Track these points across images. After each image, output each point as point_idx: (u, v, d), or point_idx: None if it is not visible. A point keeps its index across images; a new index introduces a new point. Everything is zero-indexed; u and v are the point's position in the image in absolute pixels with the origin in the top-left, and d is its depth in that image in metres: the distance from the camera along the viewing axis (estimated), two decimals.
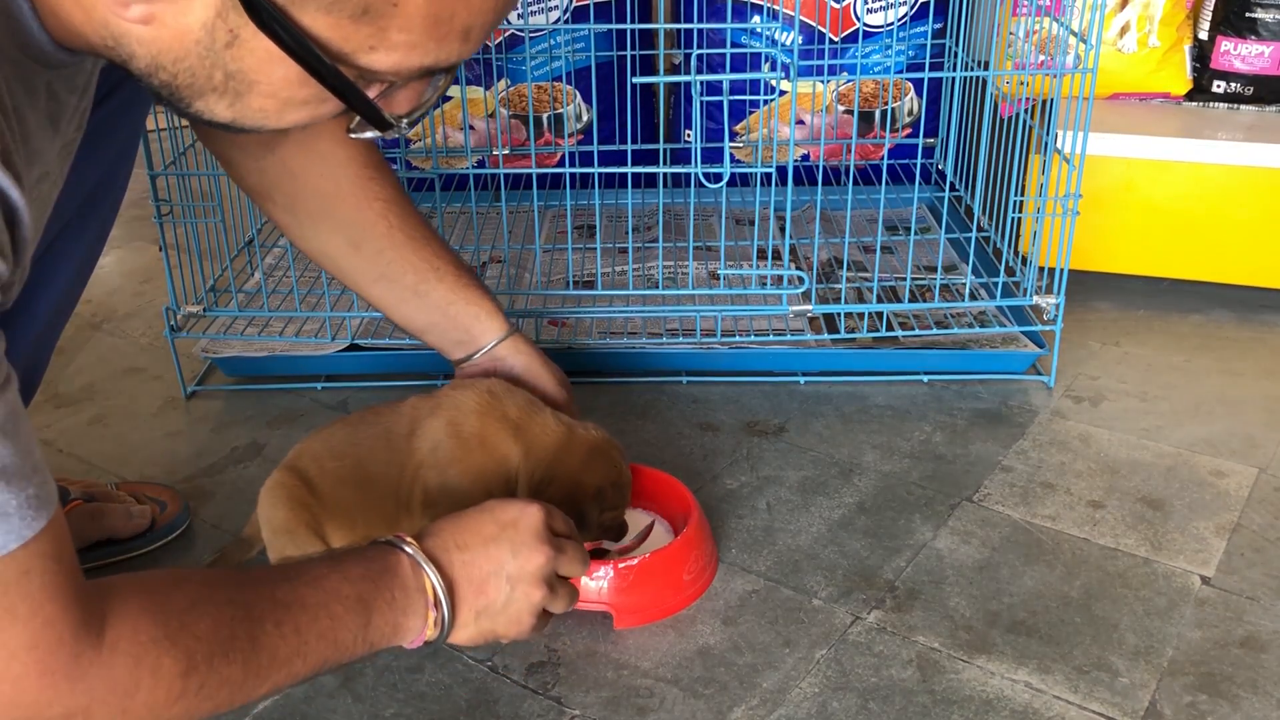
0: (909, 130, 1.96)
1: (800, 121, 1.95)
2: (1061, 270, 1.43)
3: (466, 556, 0.84)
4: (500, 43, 1.86)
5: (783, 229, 1.80)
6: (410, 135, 1.87)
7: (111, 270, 1.89)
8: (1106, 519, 1.22)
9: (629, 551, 1.10)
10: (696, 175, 1.37)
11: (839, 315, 1.48)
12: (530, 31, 1.85)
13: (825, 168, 1.91)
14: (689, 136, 1.97)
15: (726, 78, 1.44)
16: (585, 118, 1.95)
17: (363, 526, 1.02)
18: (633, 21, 1.72)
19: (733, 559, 1.15)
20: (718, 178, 1.36)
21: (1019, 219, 1.50)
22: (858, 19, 1.86)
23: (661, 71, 1.89)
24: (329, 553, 0.83)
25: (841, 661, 1.02)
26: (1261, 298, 1.73)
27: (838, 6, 1.85)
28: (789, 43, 1.84)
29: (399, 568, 0.81)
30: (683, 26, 1.88)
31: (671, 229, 1.84)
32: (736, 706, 0.97)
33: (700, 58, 1.69)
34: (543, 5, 1.85)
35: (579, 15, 1.87)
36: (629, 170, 1.43)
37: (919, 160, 1.91)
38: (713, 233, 1.83)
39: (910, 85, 1.92)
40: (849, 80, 1.89)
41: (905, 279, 1.49)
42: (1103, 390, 1.48)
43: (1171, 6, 1.81)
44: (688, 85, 1.92)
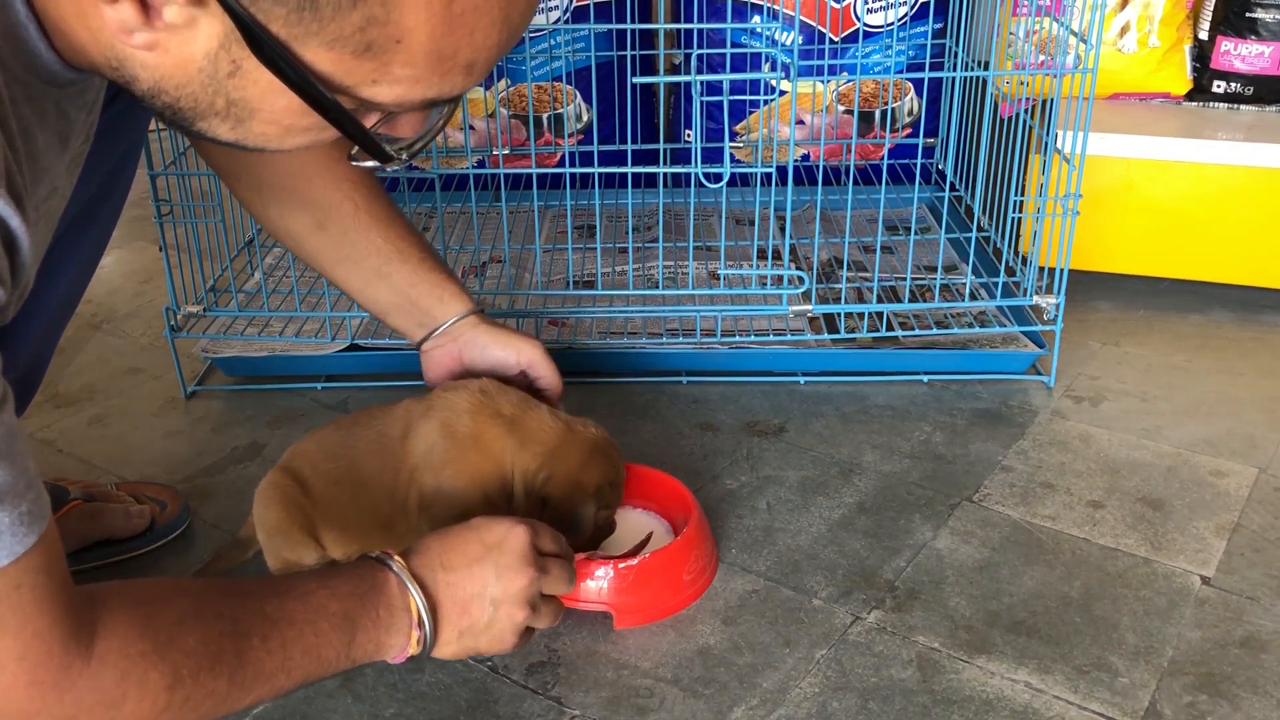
0: (909, 130, 1.96)
1: (800, 121, 1.95)
2: (1061, 270, 1.43)
3: (452, 577, 0.86)
4: None
5: (783, 229, 1.80)
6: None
7: (111, 270, 1.89)
8: (1106, 519, 1.22)
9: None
10: (696, 175, 1.37)
11: (839, 315, 1.48)
12: (530, 31, 1.84)
13: (825, 168, 1.91)
14: (689, 136, 1.97)
15: (726, 78, 1.44)
16: (585, 118, 1.95)
17: (356, 528, 1.02)
18: (633, 21, 1.72)
19: (733, 559, 1.15)
20: (718, 178, 1.36)
21: (1019, 219, 1.50)
22: (858, 19, 1.86)
23: (661, 71, 1.89)
24: (319, 567, 0.83)
25: (841, 661, 1.02)
26: (1261, 298, 1.73)
27: (838, 6, 1.85)
28: (789, 43, 1.84)
29: (386, 586, 0.83)
30: (683, 26, 1.88)
31: (671, 229, 1.84)
32: (736, 706, 0.97)
33: (700, 58, 1.69)
34: (543, 5, 1.85)
35: (579, 15, 1.87)
36: (629, 170, 1.43)
37: (919, 160, 1.91)
38: (713, 233, 1.83)
39: (910, 85, 1.92)
40: (849, 80, 1.89)
41: (905, 279, 1.49)
42: (1103, 390, 1.48)
43: (1171, 6, 1.81)
44: (688, 85, 1.92)
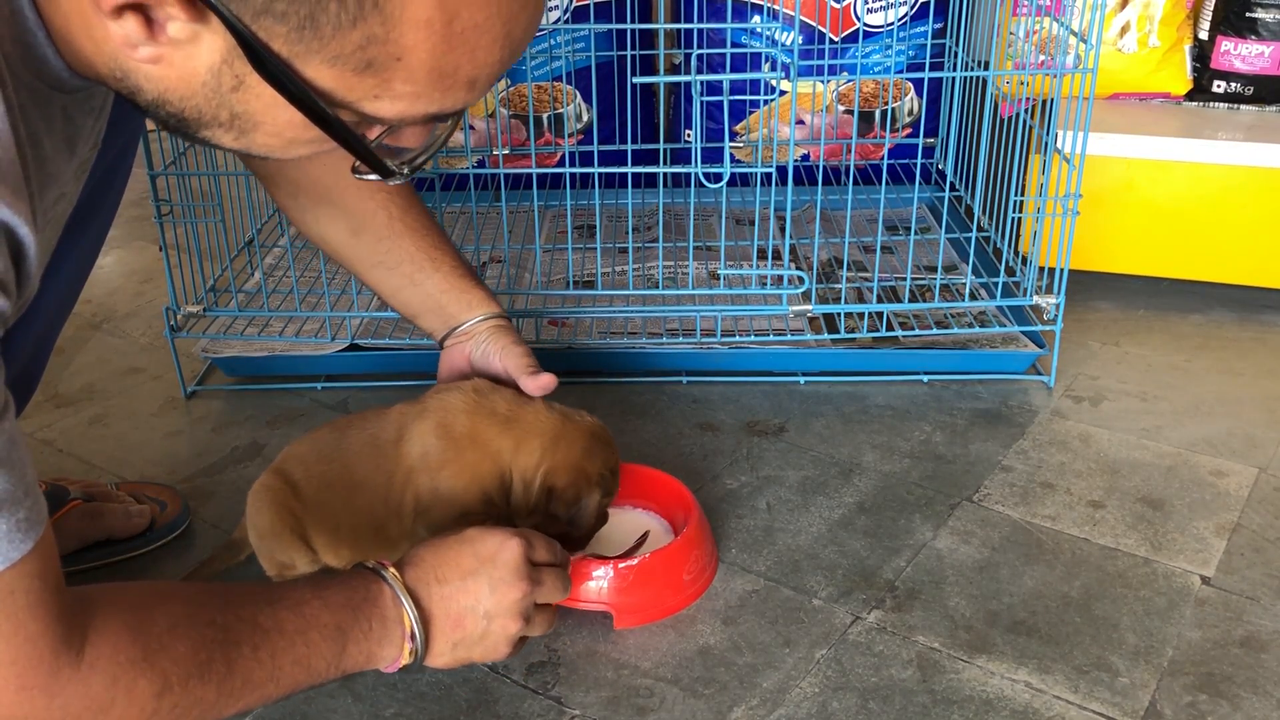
0: (909, 130, 1.96)
1: (800, 121, 1.95)
2: (1061, 270, 1.43)
3: (445, 590, 0.87)
4: None
5: (783, 229, 1.80)
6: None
7: (111, 270, 1.89)
8: (1106, 519, 1.22)
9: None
10: (696, 175, 1.37)
11: (839, 315, 1.48)
12: None
13: (825, 168, 1.91)
14: (689, 136, 1.97)
15: (726, 78, 1.44)
16: (585, 118, 1.95)
17: (348, 531, 1.02)
18: (633, 21, 1.72)
19: (733, 559, 1.15)
20: (718, 178, 1.36)
21: (1019, 219, 1.50)
22: (858, 19, 1.86)
23: (661, 71, 1.89)
24: (314, 576, 0.84)
25: (841, 661, 1.02)
26: (1261, 298, 1.73)
27: (838, 6, 1.85)
28: (789, 43, 1.84)
29: (380, 598, 0.84)
30: (683, 26, 1.88)
31: (671, 229, 1.84)
32: (736, 706, 0.97)
33: (700, 58, 1.69)
34: None
35: (579, 15, 1.87)
36: (629, 170, 1.43)
37: (919, 160, 1.91)
38: (713, 233, 1.83)
39: (910, 85, 1.92)
40: (849, 80, 1.89)
41: (905, 279, 1.49)
42: (1103, 390, 1.48)
43: (1171, 6, 1.81)
44: (688, 85, 1.92)
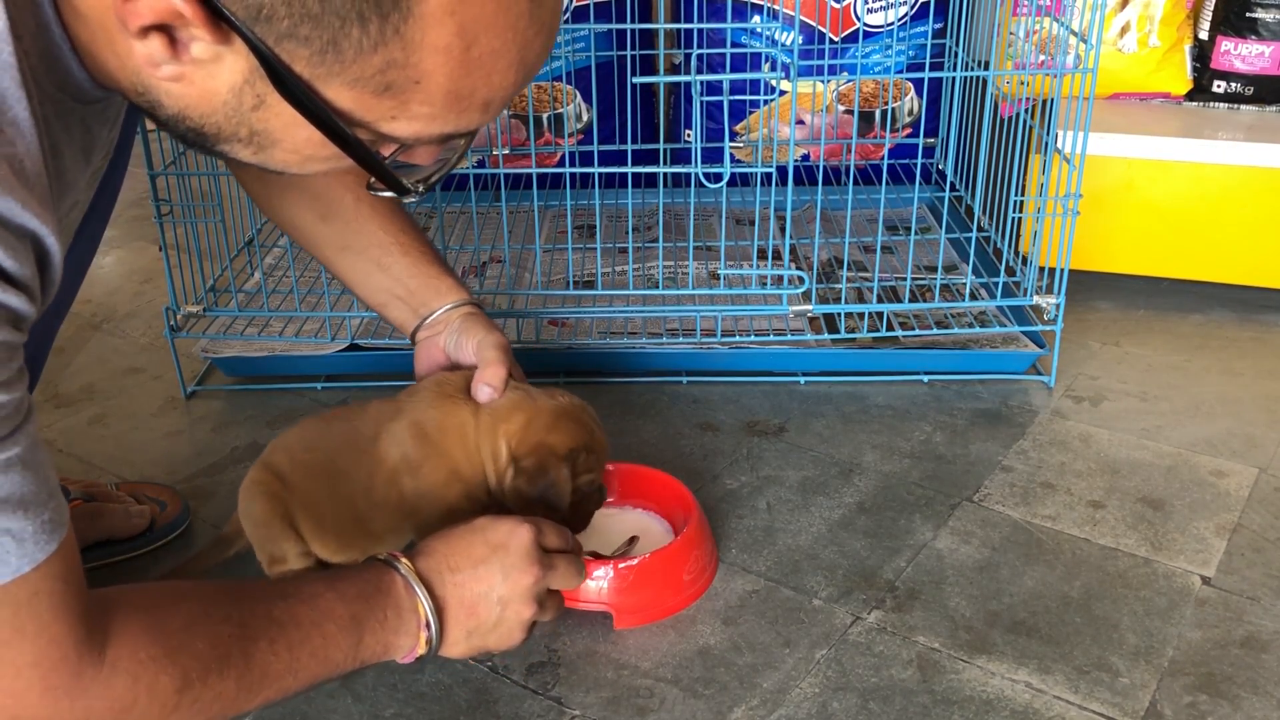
0: (909, 130, 1.96)
1: (800, 121, 1.95)
2: (1062, 270, 1.43)
3: (458, 578, 0.88)
4: None
5: (783, 229, 1.80)
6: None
7: (111, 270, 1.89)
8: (1107, 519, 1.22)
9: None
10: (696, 175, 1.37)
11: (839, 315, 1.48)
12: None
13: (825, 168, 1.91)
14: (689, 136, 1.97)
15: (726, 78, 1.44)
16: (585, 117, 1.95)
17: (332, 521, 1.03)
18: (633, 21, 1.72)
19: (733, 559, 1.15)
20: (718, 178, 1.36)
21: (1019, 219, 1.50)
22: (858, 19, 1.86)
23: (661, 71, 1.89)
24: (326, 570, 0.85)
25: (842, 662, 1.02)
26: (1261, 298, 1.73)
27: (838, 6, 1.85)
28: (789, 43, 1.84)
29: (393, 588, 0.84)
30: (683, 26, 1.88)
31: (671, 229, 1.84)
32: (736, 707, 0.97)
33: (700, 57, 1.69)
34: None
35: (579, 15, 1.87)
36: (629, 170, 1.43)
37: (919, 160, 1.91)
38: (713, 233, 1.83)
39: (910, 85, 1.92)
40: (849, 80, 1.89)
41: (905, 279, 1.49)
42: (1103, 390, 1.48)
43: (1172, 6, 1.81)
44: (688, 85, 1.92)
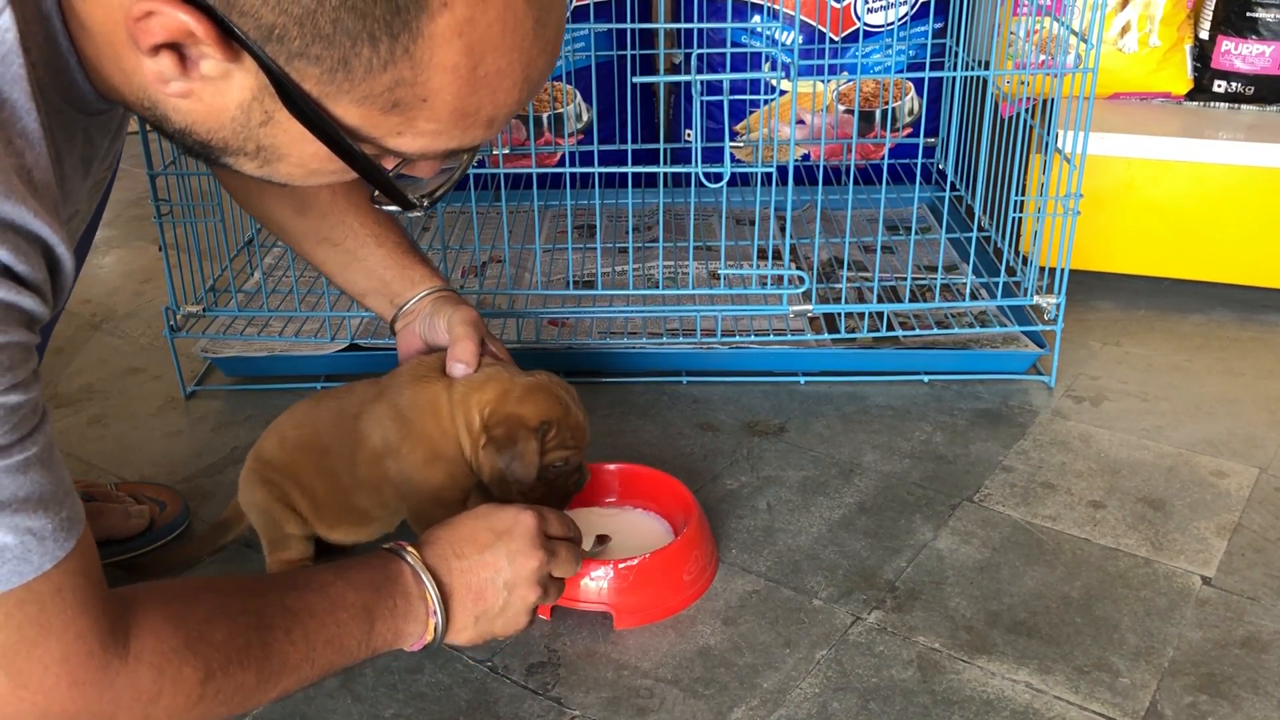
0: (909, 130, 1.96)
1: (800, 121, 1.95)
2: (1062, 270, 1.43)
3: (464, 564, 0.89)
4: None
5: (783, 229, 1.80)
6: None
7: (111, 270, 1.89)
8: (1107, 519, 1.22)
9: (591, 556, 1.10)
10: (697, 175, 1.37)
11: (839, 315, 1.48)
12: None
13: (825, 167, 1.91)
14: (689, 136, 1.97)
15: (727, 77, 1.44)
16: (585, 117, 1.95)
17: (322, 495, 1.07)
18: (633, 21, 1.72)
19: (733, 559, 1.15)
20: (718, 177, 1.36)
21: (1020, 219, 1.50)
22: (858, 18, 1.86)
23: (661, 71, 1.89)
24: (336, 562, 0.86)
25: (842, 662, 1.02)
26: (1262, 298, 1.73)
27: (838, 6, 1.85)
28: (789, 42, 1.84)
29: (401, 577, 0.86)
30: (683, 26, 1.88)
31: (671, 229, 1.84)
32: (736, 707, 0.97)
33: (700, 57, 1.69)
34: None
35: (579, 15, 1.87)
36: (629, 170, 1.43)
37: (919, 160, 1.91)
38: (713, 233, 1.83)
39: (910, 85, 1.92)
40: (849, 80, 1.89)
41: (906, 279, 1.49)
42: (1103, 390, 1.48)
43: (1172, 6, 1.81)
44: (688, 85, 1.92)
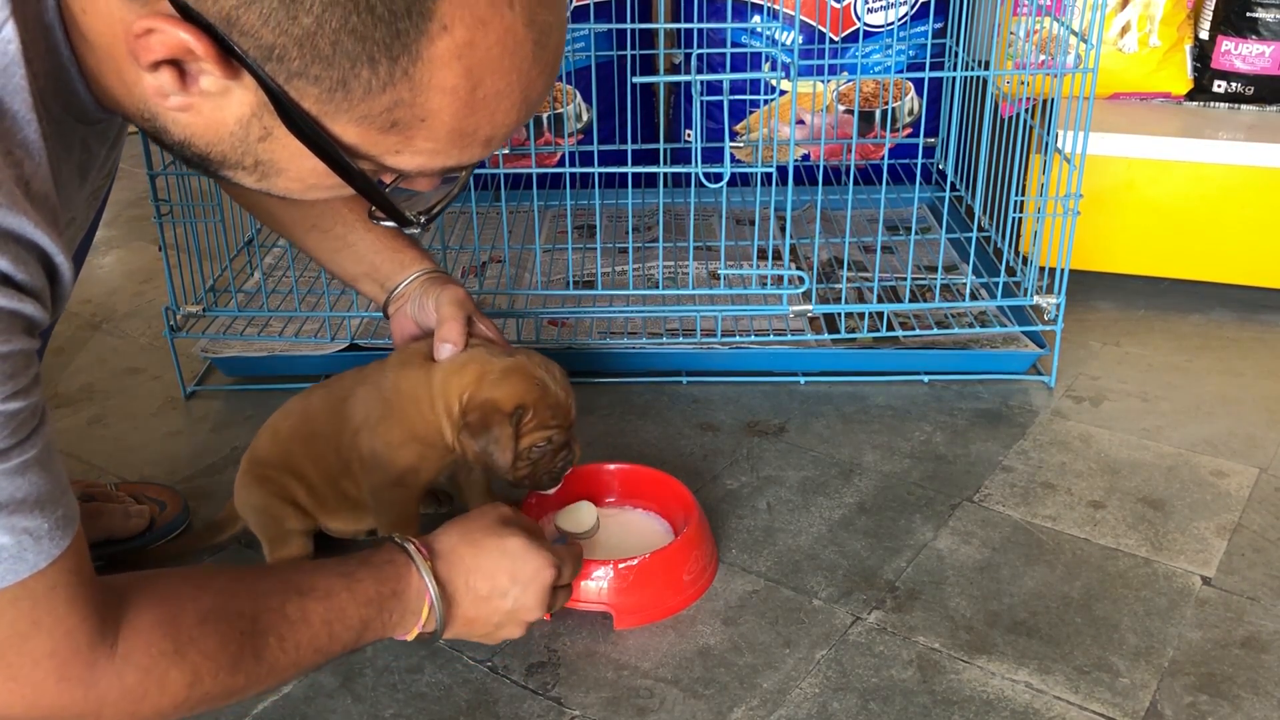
0: (909, 130, 1.96)
1: (800, 121, 1.95)
2: (1062, 270, 1.43)
3: (473, 595, 0.91)
4: None
5: (783, 229, 1.80)
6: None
7: (111, 270, 1.89)
8: (1107, 519, 1.22)
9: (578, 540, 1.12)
10: (697, 175, 1.37)
11: (839, 315, 1.48)
12: None
13: (825, 167, 1.91)
14: (689, 136, 1.97)
15: (727, 77, 1.44)
16: (585, 117, 1.95)
17: (316, 481, 1.08)
18: (633, 21, 1.72)
19: (733, 559, 1.15)
20: (718, 178, 1.36)
21: (1019, 219, 1.50)
22: (858, 19, 1.86)
23: (661, 71, 1.89)
24: (344, 562, 0.85)
25: (842, 662, 1.02)
26: (1262, 298, 1.73)
27: (838, 6, 1.85)
28: (789, 42, 1.84)
29: (407, 592, 0.87)
30: (683, 26, 1.88)
31: (671, 229, 1.84)
32: (736, 707, 0.97)
33: (700, 57, 1.69)
34: None
35: (579, 15, 1.87)
36: (629, 170, 1.43)
37: (919, 160, 1.91)
38: (713, 233, 1.83)
39: (910, 85, 1.92)
40: (849, 80, 1.89)
41: (906, 279, 1.49)
42: (1103, 390, 1.48)
43: (1172, 6, 1.81)
44: (688, 85, 1.92)
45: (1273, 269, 1.69)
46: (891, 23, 1.87)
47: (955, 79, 1.57)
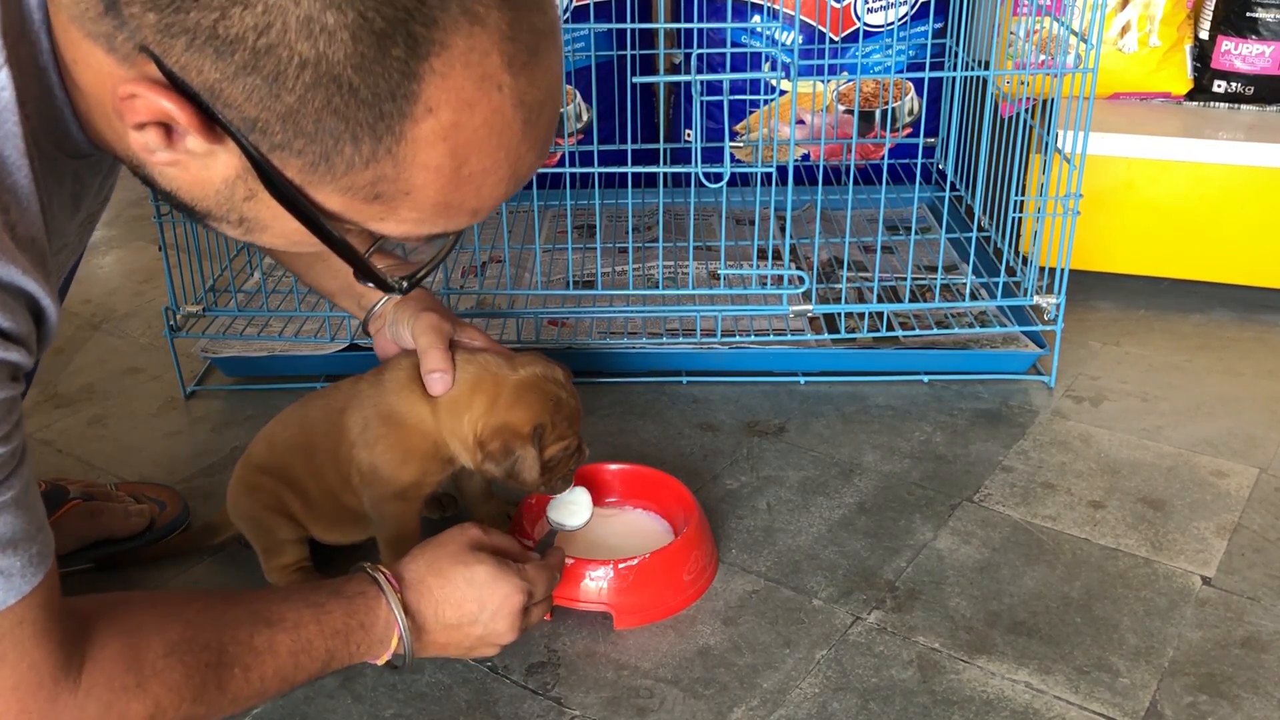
0: (909, 130, 1.96)
1: (800, 121, 1.95)
2: (1062, 270, 1.43)
3: (442, 624, 0.91)
4: None
5: (783, 229, 1.80)
6: None
7: (111, 270, 1.89)
8: (1107, 519, 1.22)
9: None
10: (697, 175, 1.37)
11: (839, 315, 1.48)
12: None
13: (825, 167, 1.91)
14: (689, 136, 1.97)
15: (727, 77, 1.44)
16: (585, 117, 1.95)
17: (314, 495, 1.07)
18: (633, 21, 1.72)
19: (733, 559, 1.15)
20: (718, 177, 1.36)
21: (1019, 219, 1.50)
22: (858, 18, 1.86)
23: (661, 71, 1.89)
24: (316, 591, 0.85)
25: (842, 662, 1.02)
26: (1262, 298, 1.73)
27: (838, 6, 1.85)
28: (789, 42, 1.84)
29: (375, 624, 0.87)
30: (683, 26, 1.88)
31: (671, 229, 1.84)
32: (736, 707, 0.97)
33: (700, 57, 1.69)
34: None
35: (579, 15, 1.87)
36: (629, 170, 1.43)
37: (919, 160, 1.91)
38: (713, 233, 1.83)
39: (910, 85, 1.92)
40: (849, 80, 1.89)
41: (905, 279, 1.49)
42: (1103, 390, 1.48)
43: (1172, 6, 1.81)
44: (688, 85, 1.92)
45: (1273, 269, 1.69)
46: (891, 23, 1.87)
47: (955, 79, 1.57)
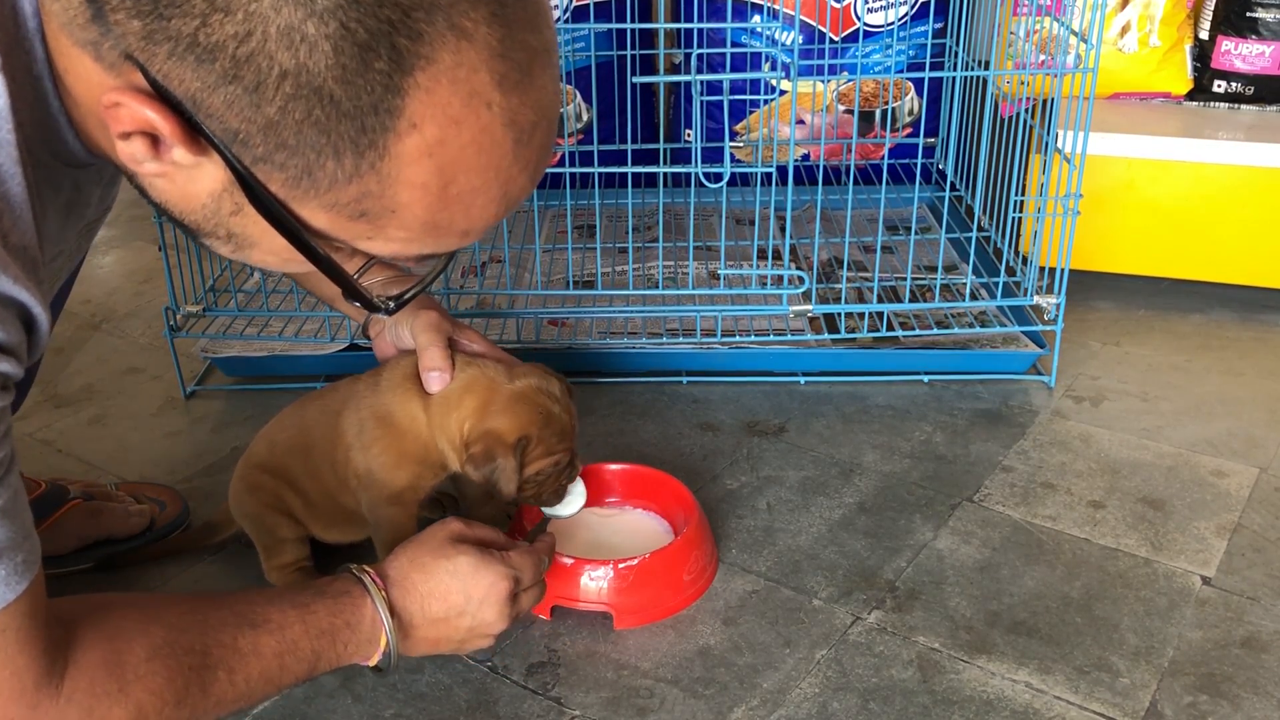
0: (909, 130, 1.96)
1: (800, 121, 1.95)
2: (1062, 270, 1.43)
3: (429, 618, 0.91)
4: None
5: (783, 229, 1.80)
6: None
7: (111, 270, 1.89)
8: (1107, 519, 1.22)
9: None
10: (696, 175, 1.37)
11: (839, 315, 1.48)
12: None
13: (825, 167, 1.91)
14: (689, 136, 1.97)
15: (727, 77, 1.44)
16: (585, 117, 1.95)
17: (314, 494, 1.08)
18: (633, 21, 1.72)
19: (733, 559, 1.15)
20: (718, 177, 1.36)
21: (1019, 219, 1.50)
22: (858, 18, 1.86)
23: (661, 71, 1.89)
24: (301, 592, 0.86)
25: (842, 662, 1.02)
26: (1262, 298, 1.73)
27: (838, 6, 1.85)
28: (789, 42, 1.84)
29: (361, 624, 0.87)
30: (683, 26, 1.88)
31: (671, 229, 1.84)
32: (736, 707, 0.97)
33: (700, 57, 1.69)
34: None
35: (579, 15, 1.87)
36: (629, 170, 1.43)
37: (919, 160, 1.91)
38: (713, 232, 1.83)
39: (910, 85, 1.92)
40: (849, 80, 1.89)
41: (905, 279, 1.49)
42: (1103, 390, 1.48)
43: (1172, 6, 1.81)
44: (688, 85, 1.92)
45: (1273, 269, 1.69)
46: (891, 23, 1.87)
47: (955, 79, 1.57)
